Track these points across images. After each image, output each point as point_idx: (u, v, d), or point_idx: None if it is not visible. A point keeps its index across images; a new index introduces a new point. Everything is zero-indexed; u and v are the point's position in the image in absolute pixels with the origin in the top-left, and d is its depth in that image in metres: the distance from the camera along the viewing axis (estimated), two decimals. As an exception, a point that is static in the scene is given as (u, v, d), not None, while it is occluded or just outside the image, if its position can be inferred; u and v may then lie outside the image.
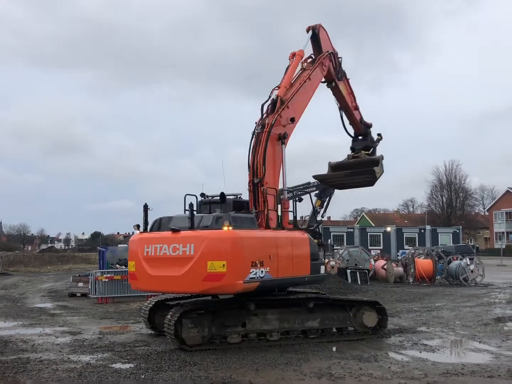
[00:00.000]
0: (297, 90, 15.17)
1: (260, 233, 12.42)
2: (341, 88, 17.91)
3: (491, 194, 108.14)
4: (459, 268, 29.34)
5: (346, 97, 18.15)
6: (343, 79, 17.98)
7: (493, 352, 11.81)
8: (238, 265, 11.36)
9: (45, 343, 12.99)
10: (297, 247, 12.95)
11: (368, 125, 19.24)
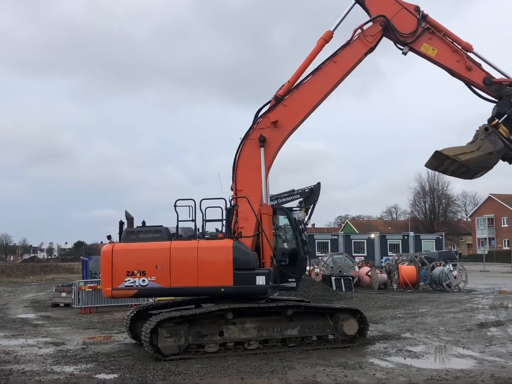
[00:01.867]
0: (301, 83, 13.77)
1: (146, 244, 12.92)
2: (426, 49, 13.71)
3: (473, 201, 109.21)
4: (442, 274, 29.53)
5: (441, 59, 13.73)
6: (427, 37, 13.64)
7: (477, 357, 11.89)
8: (107, 274, 12.90)
9: (28, 354, 12.86)
10: (209, 256, 12.63)
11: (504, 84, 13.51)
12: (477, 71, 13.50)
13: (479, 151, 12.93)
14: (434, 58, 13.66)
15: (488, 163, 13.09)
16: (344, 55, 13.76)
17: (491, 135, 12.91)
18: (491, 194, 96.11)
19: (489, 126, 12.99)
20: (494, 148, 12.89)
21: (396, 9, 13.77)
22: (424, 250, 47.65)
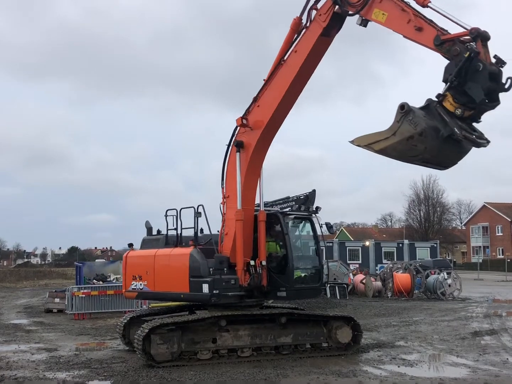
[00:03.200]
0: (269, 79, 12.98)
1: (143, 252, 14.54)
2: (376, 16, 11.18)
3: (468, 209, 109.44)
4: (436, 282, 29.54)
5: (390, 24, 10.97)
6: (377, 0, 11.07)
7: (471, 366, 11.88)
8: (123, 277, 14.92)
9: (21, 360, 12.78)
10: (175, 263, 13.20)
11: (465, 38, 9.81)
12: (428, 31, 10.29)
13: (396, 136, 9.76)
14: (384, 24, 11.11)
15: (415, 150, 9.70)
16: (302, 41, 12.49)
17: (409, 114, 9.58)
18: (486, 203, 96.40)
19: (404, 104, 9.63)
20: (415, 131, 9.44)
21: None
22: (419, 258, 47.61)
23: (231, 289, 12.70)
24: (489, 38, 9.36)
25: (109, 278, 26.58)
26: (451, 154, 9.96)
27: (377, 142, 10.12)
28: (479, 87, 9.03)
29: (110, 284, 24.17)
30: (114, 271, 28.52)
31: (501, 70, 9.21)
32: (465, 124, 9.53)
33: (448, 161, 10.19)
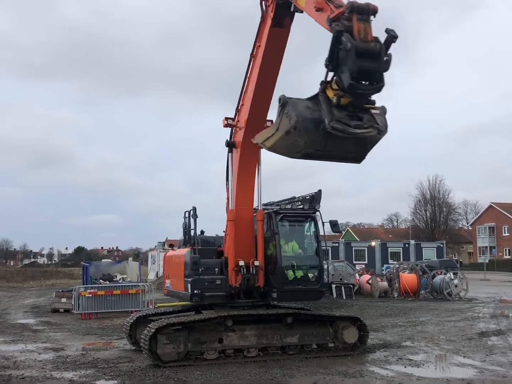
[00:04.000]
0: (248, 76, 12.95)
1: (170, 252, 15.91)
2: (300, 1, 10.21)
3: (474, 209, 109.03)
4: (443, 282, 29.47)
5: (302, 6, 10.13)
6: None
7: (477, 366, 11.84)
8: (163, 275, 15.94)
9: (28, 360, 12.82)
10: (176, 264, 14.28)
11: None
12: (326, 11, 8.69)
13: (279, 131, 8.82)
14: (305, 9, 10.05)
15: (297, 145, 8.61)
16: (260, 34, 12.28)
17: (285, 108, 8.48)
18: (492, 203, 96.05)
19: (281, 97, 8.57)
20: (289, 125, 8.39)
21: None
22: (425, 258, 47.53)
23: (215, 289, 12.87)
24: (368, 10, 7.81)
25: (116, 278, 26.58)
26: (349, 145, 8.56)
27: (268, 139, 9.28)
28: (347, 70, 7.70)
29: (116, 284, 24.19)
30: (120, 271, 28.51)
31: (382, 46, 7.69)
32: (347, 112, 8.10)
33: (351, 153, 8.78)
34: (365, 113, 8.12)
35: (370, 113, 8.15)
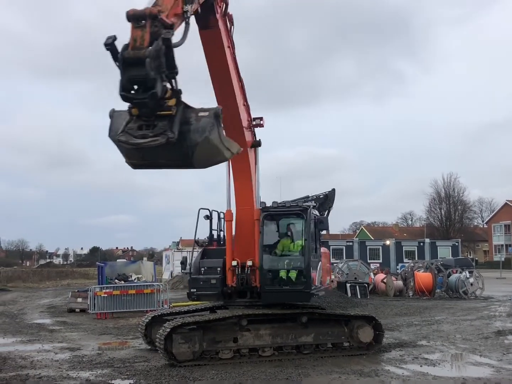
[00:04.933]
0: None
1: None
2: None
3: (490, 207, 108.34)
4: (458, 281, 29.29)
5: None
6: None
7: (494, 365, 11.76)
8: None
9: (44, 360, 12.93)
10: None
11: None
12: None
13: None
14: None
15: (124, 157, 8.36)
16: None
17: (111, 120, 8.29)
18: (508, 201, 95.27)
19: (110, 110, 8.26)
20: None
21: None
22: (440, 257, 47.31)
23: (209, 288, 13.19)
24: (145, 16, 7.28)
25: (131, 278, 26.78)
26: (168, 154, 7.97)
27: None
28: (120, 81, 7.32)
29: (131, 283, 24.37)
30: (135, 271, 28.73)
31: (151, 52, 7.14)
32: (142, 122, 7.74)
33: (175, 161, 8.23)
34: (162, 120, 7.66)
35: (168, 120, 7.63)
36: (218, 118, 7.87)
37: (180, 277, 44.48)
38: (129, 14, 7.23)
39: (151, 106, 7.46)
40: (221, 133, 8.06)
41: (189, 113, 7.81)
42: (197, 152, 7.89)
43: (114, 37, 7.26)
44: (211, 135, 7.77)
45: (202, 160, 8.20)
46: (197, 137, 7.72)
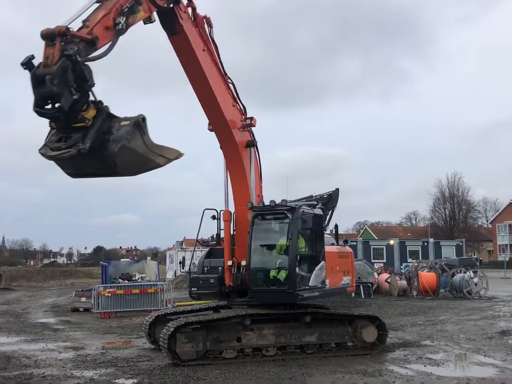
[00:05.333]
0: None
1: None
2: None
3: (494, 207, 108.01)
4: (462, 281, 29.23)
5: None
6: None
7: (498, 365, 11.74)
8: None
9: (48, 359, 12.96)
10: None
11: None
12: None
13: None
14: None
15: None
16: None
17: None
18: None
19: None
20: None
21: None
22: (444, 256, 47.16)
23: (208, 287, 13.41)
24: (55, 34, 7.57)
25: (134, 277, 26.77)
26: (92, 163, 8.26)
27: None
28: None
29: (135, 283, 24.35)
30: (139, 270, 28.69)
31: (56, 69, 7.39)
32: (62, 135, 8.07)
33: (101, 170, 8.49)
34: (77, 132, 7.89)
35: (82, 132, 7.87)
36: (139, 126, 8.08)
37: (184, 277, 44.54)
38: (42, 33, 7.53)
39: (62, 119, 7.70)
40: (146, 140, 8.29)
41: (112, 123, 8.06)
42: (119, 161, 8.09)
43: (31, 57, 7.54)
44: (130, 143, 7.98)
45: (129, 168, 8.48)
46: (113, 147, 7.88)
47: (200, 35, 12.25)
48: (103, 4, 8.89)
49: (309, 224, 13.28)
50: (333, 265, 13.96)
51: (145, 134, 8.26)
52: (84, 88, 7.76)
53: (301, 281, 12.61)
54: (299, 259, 12.75)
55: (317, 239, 13.65)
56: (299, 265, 12.74)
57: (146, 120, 8.25)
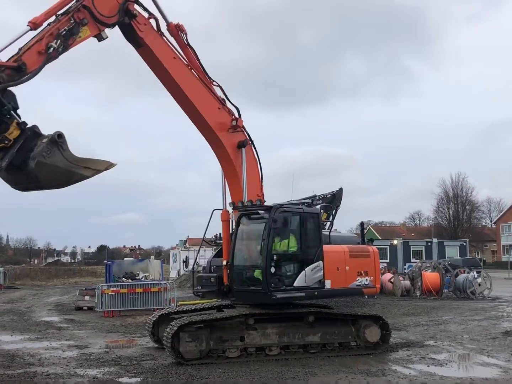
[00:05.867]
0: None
1: None
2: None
3: (498, 207, 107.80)
4: (466, 281, 29.18)
5: None
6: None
7: (502, 366, 11.73)
8: None
9: (52, 357, 13.00)
10: None
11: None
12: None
13: None
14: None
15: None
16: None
17: None
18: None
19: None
20: None
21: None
22: (448, 256, 47.07)
23: (209, 286, 13.94)
24: None
25: (138, 276, 26.82)
26: (24, 179, 9.37)
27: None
28: None
29: (139, 282, 24.40)
30: (142, 269, 28.76)
31: None
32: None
33: (33, 184, 9.56)
34: (1, 152, 9.03)
35: (3, 152, 8.99)
36: (55, 143, 9.01)
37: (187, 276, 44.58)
38: None
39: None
40: (67, 155, 9.25)
41: (36, 141, 9.07)
42: (40, 175, 9.05)
43: None
44: (47, 159, 8.91)
45: (53, 181, 9.51)
46: (31, 163, 8.84)
47: (167, 44, 12.82)
48: (41, 31, 9.98)
49: (294, 223, 13.13)
50: (339, 265, 13.56)
51: (64, 149, 9.18)
52: (2, 112, 8.76)
53: (278, 282, 12.49)
54: (277, 259, 12.54)
55: (309, 238, 13.21)
56: (278, 265, 12.57)
57: (64, 137, 9.18)
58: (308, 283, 12.82)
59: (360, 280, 13.95)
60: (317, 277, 12.98)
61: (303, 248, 13.04)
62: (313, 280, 12.91)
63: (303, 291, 12.77)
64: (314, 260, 13.01)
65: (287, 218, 12.78)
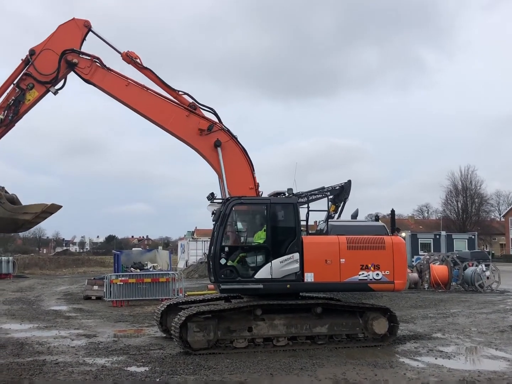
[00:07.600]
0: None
1: None
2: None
3: (507, 200, 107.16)
4: (474, 274, 29.10)
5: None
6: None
7: (510, 359, 11.70)
8: None
9: (61, 346, 13.09)
10: None
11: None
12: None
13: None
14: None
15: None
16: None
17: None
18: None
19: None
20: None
21: None
22: (456, 249, 46.92)
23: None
24: None
25: (146, 266, 26.91)
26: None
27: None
28: None
29: (147, 272, 24.50)
30: (151, 259, 28.84)
31: None
32: None
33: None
34: None
35: None
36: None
37: (195, 266, 44.70)
38: None
39: None
40: (6, 207, 12.26)
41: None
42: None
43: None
44: None
45: (4, 229, 13.42)
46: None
47: (117, 77, 14.99)
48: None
49: (256, 215, 13.38)
50: (329, 257, 12.85)
51: (2, 203, 12.03)
52: None
53: (230, 273, 12.49)
54: (230, 251, 12.58)
55: (277, 230, 12.87)
56: (231, 257, 12.58)
57: (4, 191, 12.24)
58: (276, 275, 12.54)
59: (366, 274, 12.94)
60: (290, 269, 12.63)
61: (269, 240, 12.69)
62: (283, 272, 12.60)
63: (263, 283, 12.50)
64: (286, 252, 12.65)
65: (243, 211, 13.05)
